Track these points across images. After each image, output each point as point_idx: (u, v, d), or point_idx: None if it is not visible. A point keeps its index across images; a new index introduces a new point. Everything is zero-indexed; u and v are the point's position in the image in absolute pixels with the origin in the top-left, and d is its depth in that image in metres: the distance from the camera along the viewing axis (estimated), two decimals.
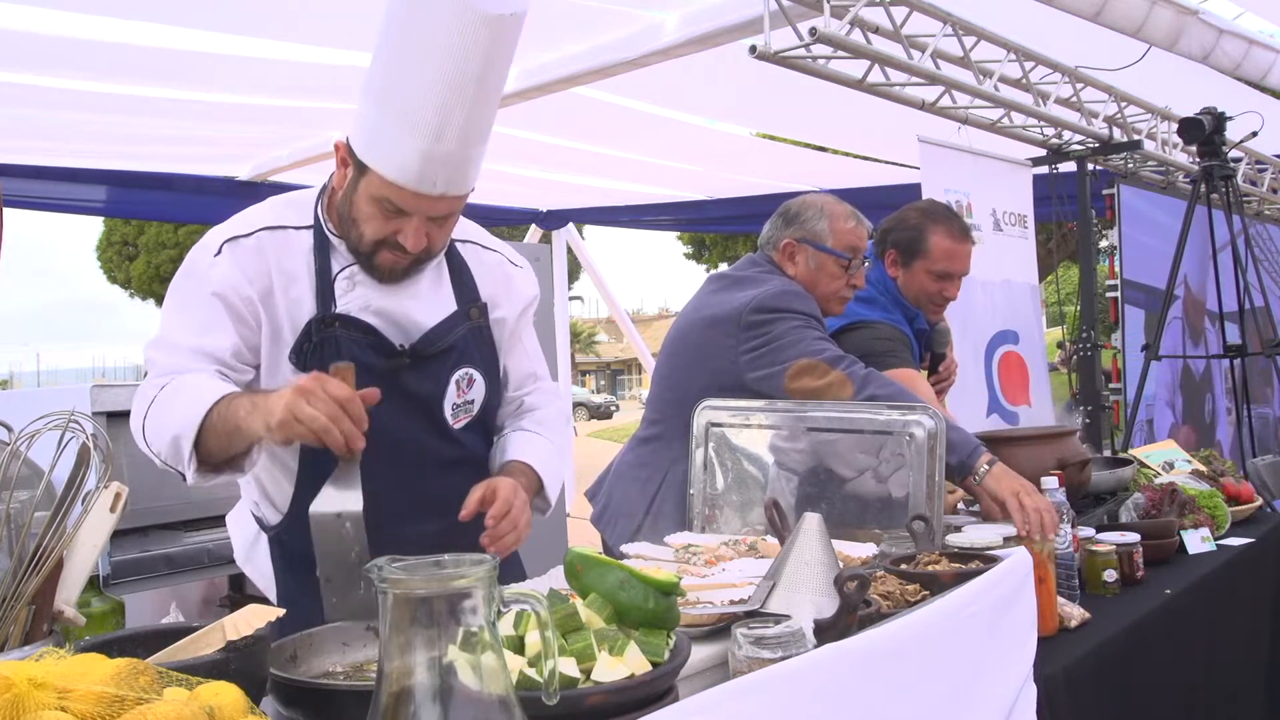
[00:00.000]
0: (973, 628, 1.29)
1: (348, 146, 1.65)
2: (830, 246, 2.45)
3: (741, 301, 2.34)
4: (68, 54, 3.67)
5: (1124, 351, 4.77)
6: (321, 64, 4.00)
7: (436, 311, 1.76)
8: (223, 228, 1.72)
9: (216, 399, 1.52)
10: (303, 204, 1.76)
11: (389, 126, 1.56)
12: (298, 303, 1.67)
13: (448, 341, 1.76)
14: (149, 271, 18.28)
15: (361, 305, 1.69)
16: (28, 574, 1.33)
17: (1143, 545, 2.14)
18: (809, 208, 2.51)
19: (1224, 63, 3.84)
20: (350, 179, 1.65)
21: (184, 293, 1.68)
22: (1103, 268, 5.11)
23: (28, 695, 0.85)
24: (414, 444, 1.74)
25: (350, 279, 1.70)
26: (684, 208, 7.07)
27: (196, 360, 1.62)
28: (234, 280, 1.64)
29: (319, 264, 1.69)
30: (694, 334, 2.44)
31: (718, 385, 2.31)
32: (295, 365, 1.66)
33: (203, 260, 1.67)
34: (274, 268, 1.67)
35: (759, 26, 3.04)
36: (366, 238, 1.65)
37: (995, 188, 4.48)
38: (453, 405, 1.78)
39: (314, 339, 1.66)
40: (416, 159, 1.56)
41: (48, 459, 1.41)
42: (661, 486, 2.42)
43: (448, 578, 0.81)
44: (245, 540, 1.89)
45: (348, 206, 1.66)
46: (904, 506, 1.96)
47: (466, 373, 1.78)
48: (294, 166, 5.29)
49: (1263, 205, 5.76)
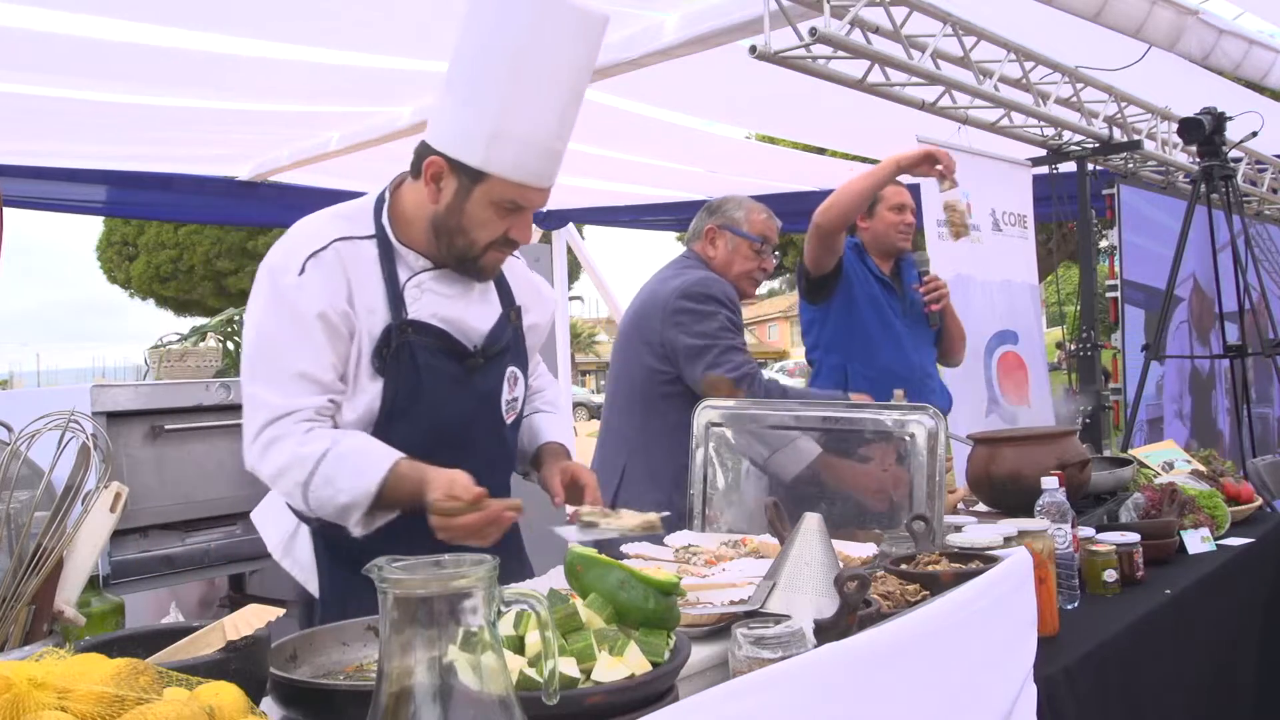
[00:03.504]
0: (973, 628, 1.29)
1: (447, 163, 1.71)
2: (746, 232, 2.86)
3: (667, 292, 2.74)
4: (68, 55, 3.67)
5: (1124, 351, 4.77)
6: (321, 65, 4.00)
7: (489, 316, 1.87)
8: (294, 244, 1.75)
9: (384, 475, 1.64)
10: (360, 214, 1.81)
11: (515, 131, 1.67)
12: (371, 310, 1.74)
13: (503, 343, 1.88)
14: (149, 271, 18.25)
15: (430, 312, 1.78)
16: (28, 574, 1.33)
17: (1143, 545, 2.14)
18: (729, 200, 2.94)
19: (1224, 63, 3.84)
20: (456, 191, 1.72)
21: (278, 318, 1.71)
22: (1103, 268, 5.11)
23: (28, 695, 0.85)
24: (481, 440, 1.85)
25: (418, 287, 1.78)
26: (684, 208, 7.05)
27: (304, 388, 1.69)
28: (328, 296, 1.70)
29: (386, 272, 1.76)
30: (630, 330, 2.82)
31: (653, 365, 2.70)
32: (376, 370, 1.74)
33: (288, 282, 1.70)
34: (350, 277, 1.74)
35: (759, 26, 3.04)
36: (480, 242, 1.75)
37: (995, 188, 4.48)
38: (506, 402, 1.90)
39: (393, 344, 1.74)
40: (540, 156, 1.70)
41: (48, 459, 1.41)
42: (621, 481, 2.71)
43: (448, 578, 0.81)
44: (283, 533, 1.90)
45: (456, 218, 1.74)
46: (904, 506, 1.96)
47: (513, 371, 1.91)
48: (294, 166, 5.29)
49: (1263, 205, 5.76)
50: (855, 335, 3.23)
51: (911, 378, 3.13)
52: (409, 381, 1.75)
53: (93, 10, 3.41)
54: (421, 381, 1.76)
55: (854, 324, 3.24)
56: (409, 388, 1.76)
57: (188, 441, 3.14)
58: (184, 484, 3.12)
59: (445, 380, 1.76)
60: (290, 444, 1.67)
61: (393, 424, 1.75)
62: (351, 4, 3.40)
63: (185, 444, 3.14)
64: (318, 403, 1.70)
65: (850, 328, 3.24)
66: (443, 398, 1.78)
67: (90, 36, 3.52)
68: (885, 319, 3.27)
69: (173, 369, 3.43)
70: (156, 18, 3.48)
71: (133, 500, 1.53)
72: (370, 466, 1.65)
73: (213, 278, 17.84)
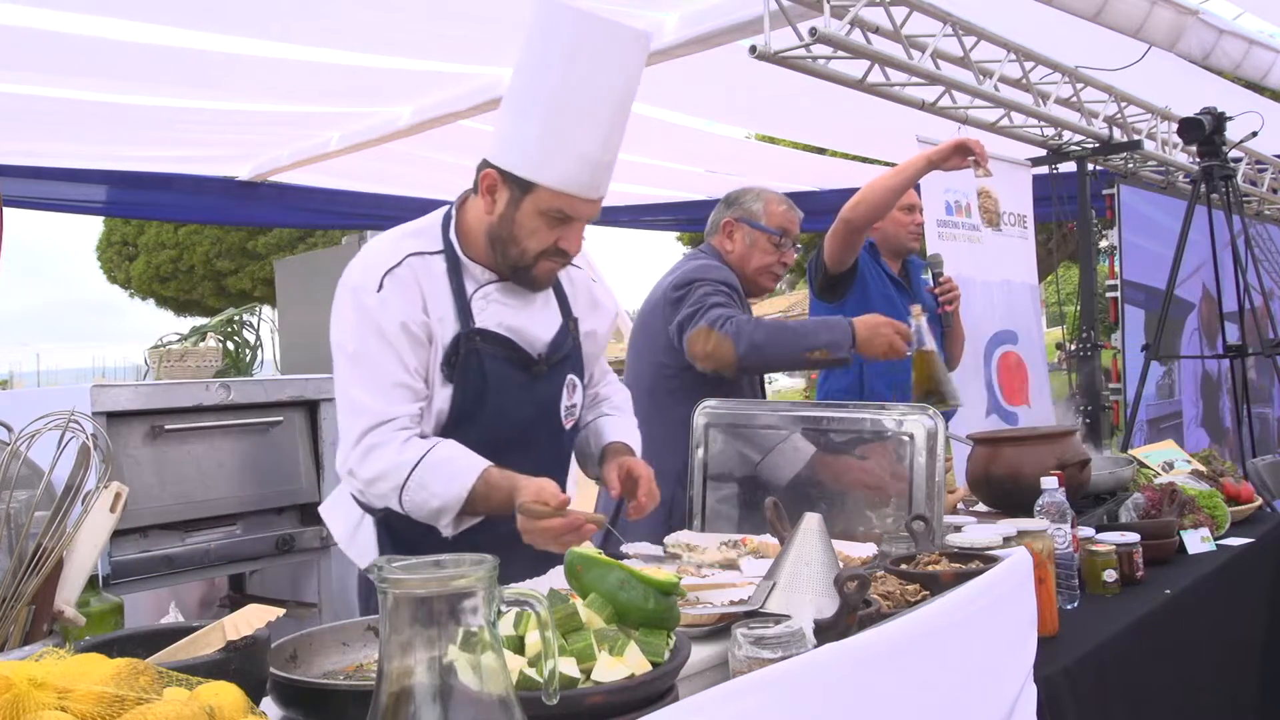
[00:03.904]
0: (973, 628, 1.29)
1: (499, 175, 1.83)
2: (764, 224, 2.79)
3: (666, 282, 2.70)
4: (68, 55, 3.67)
5: (1124, 351, 4.77)
6: (321, 64, 4.00)
7: (550, 326, 1.98)
8: (370, 263, 1.87)
9: (471, 485, 1.76)
10: (429, 231, 1.94)
11: (563, 143, 1.77)
12: (442, 320, 1.86)
13: (563, 351, 1.99)
14: (149, 271, 18.24)
15: (496, 321, 1.90)
16: (28, 574, 1.33)
17: (1143, 545, 2.14)
18: (747, 192, 2.86)
19: (1224, 63, 3.84)
20: (508, 202, 1.83)
21: (365, 333, 1.83)
22: (1103, 268, 5.11)
23: (28, 695, 0.85)
24: (541, 442, 1.96)
25: (485, 299, 1.90)
26: (684, 208, 7.06)
27: (401, 395, 1.82)
28: (407, 308, 1.83)
29: (455, 285, 1.89)
30: (641, 323, 2.80)
31: (660, 360, 2.67)
32: (445, 376, 1.86)
33: (369, 298, 1.83)
34: (424, 289, 1.86)
35: (759, 26, 3.04)
36: (530, 251, 1.85)
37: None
38: (565, 408, 2.00)
39: (461, 351, 1.86)
40: (588, 168, 1.79)
41: (48, 459, 1.41)
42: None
43: (448, 578, 0.81)
44: (349, 523, 2.01)
45: (508, 227, 1.84)
46: (904, 506, 1.96)
47: (572, 379, 2.01)
48: (294, 166, 5.28)
49: (1263, 205, 5.76)
50: None
51: None
52: (476, 387, 1.87)
53: (93, 10, 3.41)
54: (488, 387, 1.88)
55: None
56: (476, 393, 1.87)
57: (188, 441, 3.14)
58: (184, 484, 3.12)
59: (510, 386, 1.89)
60: (389, 451, 1.79)
61: (459, 427, 1.87)
62: (351, 4, 3.40)
63: (185, 444, 3.14)
64: (413, 410, 1.83)
65: None
66: (507, 403, 1.90)
67: (90, 36, 3.51)
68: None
69: (173, 369, 3.43)
70: (157, 18, 3.48)
71: (133, 500, 1.53)
72: (461, 473, 1.76)
73: (213, 278, 17.84)
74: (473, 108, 4.28)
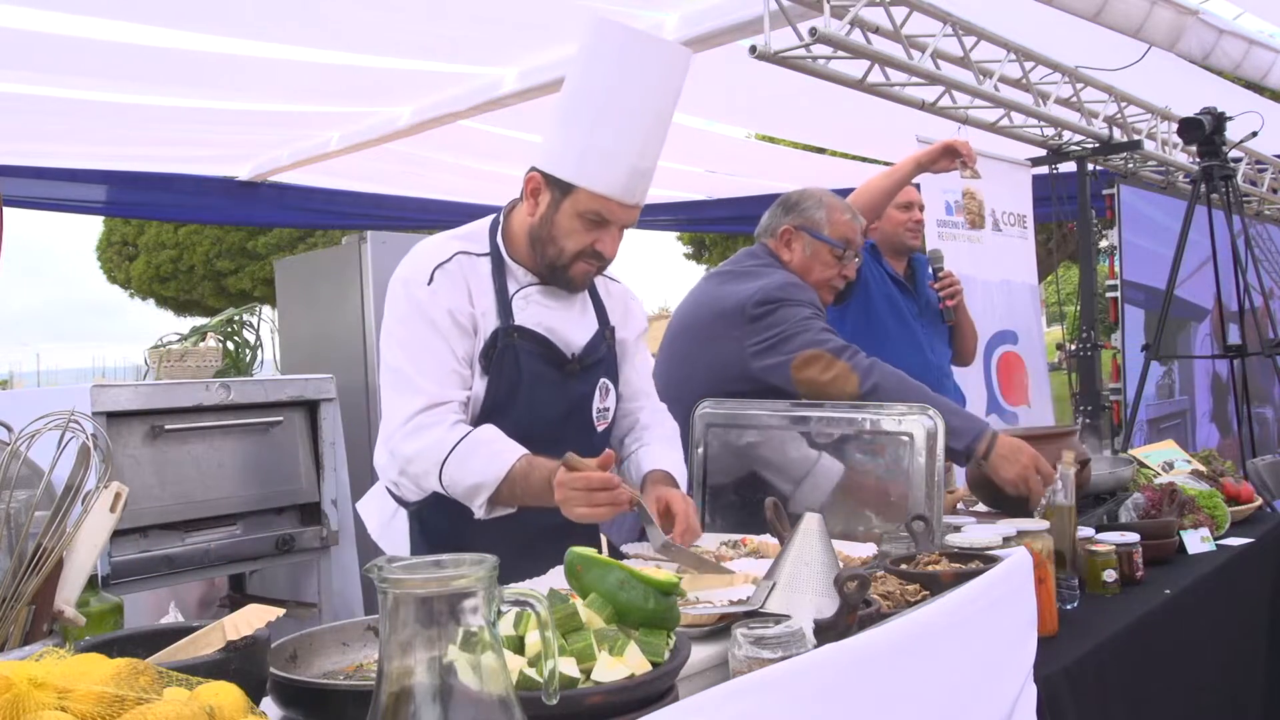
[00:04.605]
0: (973, 628, 1.29)
1: (542, 177, 1.93)
2: (827, 235, 2.57)
3: (746, 294, 2.40)
4: (68, 55, 3.67)
5: (1124, 351, 4.77)
6: (321, 65, 4.00)
7: (586, 330, 2.07)
8: (421, 258, 1.97)
9: (512, 464, 1.82)
10: (477, 234, 2.04)
11: (602, 148, 1.86)
12: (485, 315, 1.96)
13: (598, 355, 2.07)
14: (149, 271, 18.21)
15: (535, 320, 1.99)
16: (28, 574, 1.33)
17: (1142, 545, 2.14)
18: (808, 197, 2.62)
19: (1224, 63, 3.84)
20: (549, 203, 1.92)
21: (417, 324, 1.92)
22: (1103, 268, 5.11)
23: (28, 695, 0.85)
24: (570, 439, 1.95)
25: (525, 299, 1.99)
26: (684, 208, 7.06)
27: (455, 380, 1.92)
28: (456, 300, 1.93)
29: (498, 284, 1.98)
30: (696, 328, 2.50)
31: (721, 378, 2.36)
32: (482, 369, 1.95)
33: (419, 291, 1.93)
34: (470, 284, 1.96)
35: (759, 26, 3.04)
36: (567, 251, 1.94)
37: (995, 188, 4.48)
38: (597, 410, 2.08)
39: (499, 345, 1.95)
40: (625, 173, 1.88)
41: (48, 459, 1.41)
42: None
43: (448, 578, 0.81)
44: (383, 516, 2.09)
45: (547, 228, 1.93)
46: (904, 506, 1.96)
47: (605, 383, 2.09)
48: (294, 166, 5.28)
49: (1263, 205, 5.76)
50: (874, 336, 3.10)
51: (928, 378, 3.07)
52: (510, 380, 1.96)
53: (93, 10, 3.41)
54: (521, 381, 1.96)
55: (872, 325, 3.17)
56: (509, 386, 1.96)
57: (188, 441, 3.15)
58: (184, 484, 3.12)
59: (543, 382, 1.97)
60: (439, 430, 1.87)
61: (492, 418, 1.93)
62: (351, 4, 3.40)
63: (185, 444, 3.14)
64: (462, 396, 1.92)
65: (869, 329, 3.15)
66: (539, 397, 1.98)
67: (90, 36, 3.52)
68: (902, 319, 3.23)
69: (173, 369, 3.42)
70: (157, 18, 3.48)
71: (133, 500, 1.53)
72: (503, 452, 1.84)
73: (213, 278, 17.82)
74: (473, 108, 4.28)
